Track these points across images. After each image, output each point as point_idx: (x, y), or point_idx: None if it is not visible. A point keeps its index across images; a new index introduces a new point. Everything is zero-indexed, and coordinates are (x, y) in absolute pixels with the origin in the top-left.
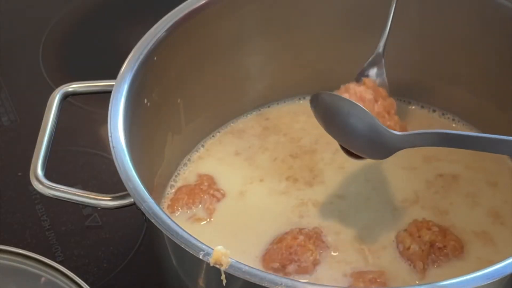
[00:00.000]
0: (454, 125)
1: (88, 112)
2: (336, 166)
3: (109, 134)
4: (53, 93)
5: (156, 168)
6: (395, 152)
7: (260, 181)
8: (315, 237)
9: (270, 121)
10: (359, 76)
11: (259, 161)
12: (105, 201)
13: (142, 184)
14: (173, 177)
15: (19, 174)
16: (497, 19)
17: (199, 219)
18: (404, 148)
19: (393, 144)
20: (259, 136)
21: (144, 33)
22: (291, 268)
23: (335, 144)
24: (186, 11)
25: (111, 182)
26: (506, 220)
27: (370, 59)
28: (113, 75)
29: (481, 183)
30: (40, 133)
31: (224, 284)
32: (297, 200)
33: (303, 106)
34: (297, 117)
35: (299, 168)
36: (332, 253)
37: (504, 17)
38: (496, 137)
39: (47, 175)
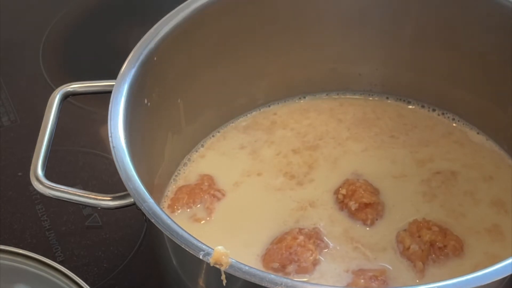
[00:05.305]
0: (454, 124)
1: (88, 112)
2: (334, 164)
3: (109, 134)
4: (53, 93)
5: (156, 168)
6: None
7: (257, 175)
8: (315, 237)
9: (278, 116)
10: None
11: (262, 155)
12: (105, 201)
13: (142, 184)
14: (173, 177)
15: (19, 174)
16: (497, 19)
17: (199, 219)
18: None
19: None
20: (266, 130)
21: (144, 33)
22: (291, 268)
23: (338, 140)
24: (186, 11)
25: (111, 182)
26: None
27: None
28: (113, 75)
29: (477, 179)
30: (40, 133)
31: (224, 284)
32: (294, 198)
33: (310, 103)
34: (308, 113)
35: (297, 165)
36: (332, 253)
37: (504, 17)
38: None
39: (47, 175)
